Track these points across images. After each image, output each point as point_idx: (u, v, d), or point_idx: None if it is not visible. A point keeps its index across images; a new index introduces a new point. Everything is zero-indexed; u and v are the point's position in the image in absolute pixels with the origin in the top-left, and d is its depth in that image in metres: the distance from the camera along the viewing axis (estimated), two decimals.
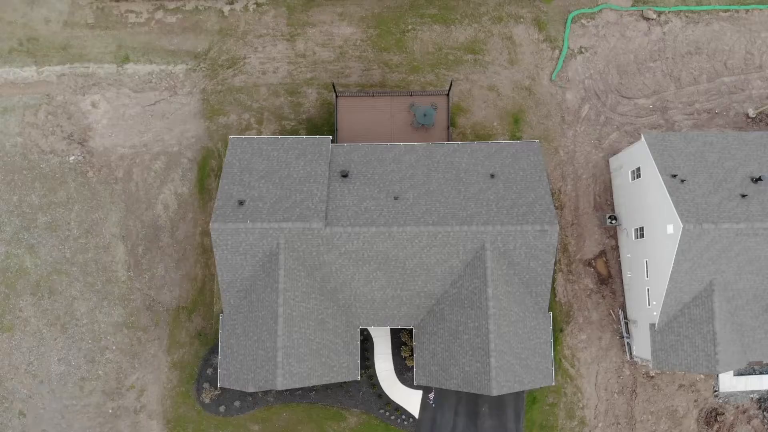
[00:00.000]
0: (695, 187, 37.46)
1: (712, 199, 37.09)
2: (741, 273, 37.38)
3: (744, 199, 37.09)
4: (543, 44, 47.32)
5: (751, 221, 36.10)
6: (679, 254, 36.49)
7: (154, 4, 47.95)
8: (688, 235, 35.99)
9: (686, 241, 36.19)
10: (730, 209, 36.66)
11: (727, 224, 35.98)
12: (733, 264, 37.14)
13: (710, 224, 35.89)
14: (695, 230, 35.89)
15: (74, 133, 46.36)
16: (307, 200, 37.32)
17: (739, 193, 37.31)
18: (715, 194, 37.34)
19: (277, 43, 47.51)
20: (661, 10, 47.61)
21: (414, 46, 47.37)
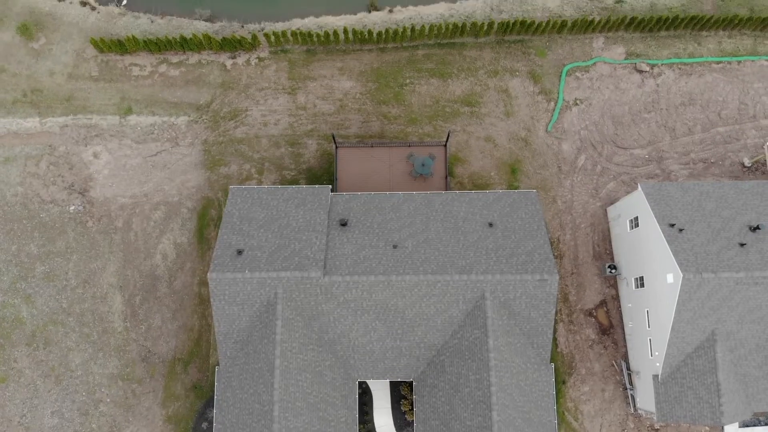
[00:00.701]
0: (694, 237, 37.24)
1: (711, 248, 36.77)
2: (743, 322, 36.80)
3: (743, 248, 36.82)
4: (538, 96, 47.91)
5: (751, 270, 35.70)
6: (680, 304, 35.96)
7: (158, 57, 48.74)
8: (689, 285, 35.53)
9: (687, 291, 35.71)
10: (729, 258, 36.29)
11: (726, 273, 35.56)
12: (735, 313, 36.54)
13: (710, 273, 35.50)
14: (695, 279, 35.49)
15: (75, 183, 46.42)
16: (306, 249, 37.04)
17: (738, 242, 37.06)
18: (714, 243, 37.04)
19: (279, 96, 48.09)
20: (654, 63, 48.41)
21: (412, 99, 47.94)
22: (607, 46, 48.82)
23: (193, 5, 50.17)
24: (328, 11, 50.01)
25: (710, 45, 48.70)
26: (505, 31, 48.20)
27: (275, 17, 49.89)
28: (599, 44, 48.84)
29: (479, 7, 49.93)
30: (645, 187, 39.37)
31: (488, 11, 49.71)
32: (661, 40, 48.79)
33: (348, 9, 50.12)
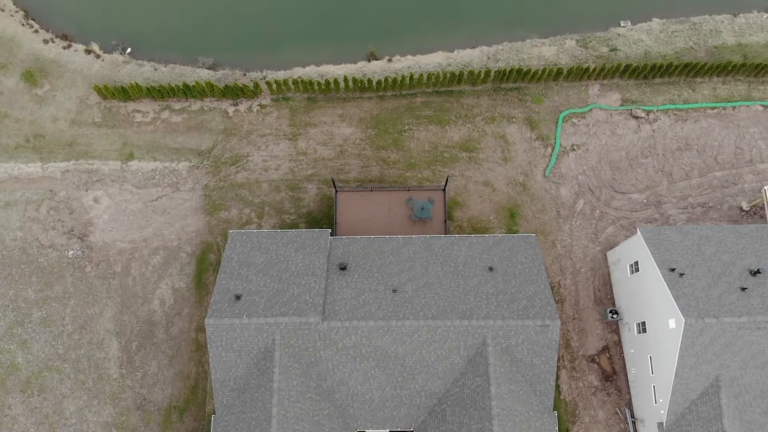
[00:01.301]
0: (694, 281, 36.72)
1: (713, 293, 36.15)
2: (746, 368, 35.92)
3: (744, 293, 36.29)
4: (535, 142, 48.11)
5: (753, 315, 34.93)
6: (683, 349, 35.13)
7: (160, 104, 49.10)
8: (691, 330, 34.81)
9: (689, 336, 34.97)
10: (730, 303, 35.64)
11: (729, 318, 34.83)
12: (738, 359, 35.64)
13: (712, 318, 34.80)
14: (697, 325, 34.81)
15: (75, 228, 46.12)
16: (305, 294, 36.45)
17: (739, 286, 36.50)
18: (715, 288, 36.46)
19: (280, 141, 48.28)
20: (650, 109, 48.75)
21: (411, 145, 48.11)
22: (603, 92, 49.30)
23: (196, 54, 50.74)
24: (329, 60, 50.64)
25: (705, 91, 49.18)
26: (501, 79, 48.72)
27: (277, 66, 50.45)
28: (595, 91, 49.33)
29: (476, 56, 50.60)
30: (644, 231, 39.06)
31: (485, 60, 50.36)
32: (655, 86, 49.28)
33: (348, 58, 50.75)
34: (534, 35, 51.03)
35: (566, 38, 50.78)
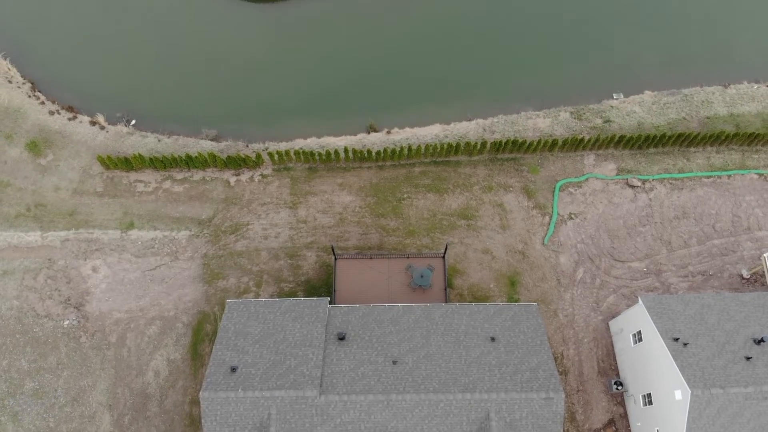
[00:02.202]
0: (698, 351, 35.73)
1: (717, 363, 35.02)
2: None
3: (749, 362, 35.30)
4: (533, 211, 48.01)
5: (759, 385, 33.79)
6: (690, 422, 33.67)
7: (162, 174, 49.23)
8: (698, 401, 33.47)
9: (696, 408, 33.62)
10: (736, 373, 34.51)
11: (735, 388, 33.66)
12: (746, 430, 34.06)
13: (718, 389, 33.60)
14: (704, 396, 33.55)
15: (71, 298, 45.28)
16: (302, 365, 35.21)
17: (744, 355, 35.53)
18: (720, 357, 35.36)
19: (280, 210, 48.15)
20: (645, 178, 48.95)
21: (410, 213, 47.98)
22: (598, 162, 49.60)
23: (200, 126, 51.14)
24: (330, 132, 51.11)
25: (699, 160, 49.51)
26: (497, 150, 49.08)
27: (279, 137, 50.82)
28: (590, 161, 49.64)
29: (472, 128, 51.15)
30: (646, 300, 38.35)
31: (481, 131, 50.92)
32: (650, 156, 49.63)
33: (349, 131, 51.23)
34: (528, 108, 51.76)
35: (560, 110, 51.49)
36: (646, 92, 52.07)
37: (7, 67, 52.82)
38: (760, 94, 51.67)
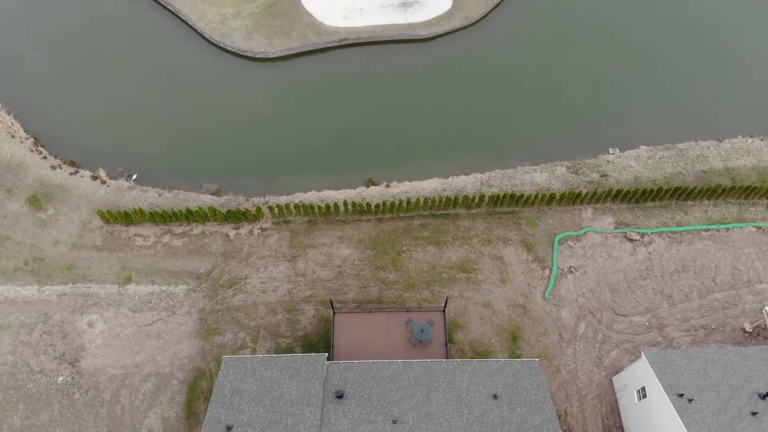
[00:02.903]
0: (704, 407, 34.71)
1: (723, 419, 33.93)
2: None
3: (755, 417, 34.18)
4: (533, 264, 47.52)
5: None
6: None
7: (162, 228, 48.88)
8: None
9: None
10: (742, 429, 33.49)
11: None
12: None
13: None
14: None
15: (66, 353, 44.20)
16: (299, 425, 33.92)
17: (749, 410, 34.43)
18: (725, 413, 34.27)
19: (279, 263, 47.63)
20: (644, 232, 48.70)
21: (409, 265, 47.46)
22: (597, 216, 49.42)
23: (201, 180, 51.11)
24: (330, 186, 51.03)
25: (696, 214, 49.34)
26: (496, 204, 48.94)
27: (279, 191, 50.70)
28: (588, 215, 49.47)
29: (470, 182, 51.19)
30: (649, 355, 37.47)
31: (478, 185, 50.92)
32: (648, 210, 49.48)
33: (348, 184, 51.21)
34: (525, 163, 51.90)
35: (557, 165, 51.62)
36: (641, 147, 52.36)
37: (11, 122, 53.19)
38: (755, 147, 51.98)
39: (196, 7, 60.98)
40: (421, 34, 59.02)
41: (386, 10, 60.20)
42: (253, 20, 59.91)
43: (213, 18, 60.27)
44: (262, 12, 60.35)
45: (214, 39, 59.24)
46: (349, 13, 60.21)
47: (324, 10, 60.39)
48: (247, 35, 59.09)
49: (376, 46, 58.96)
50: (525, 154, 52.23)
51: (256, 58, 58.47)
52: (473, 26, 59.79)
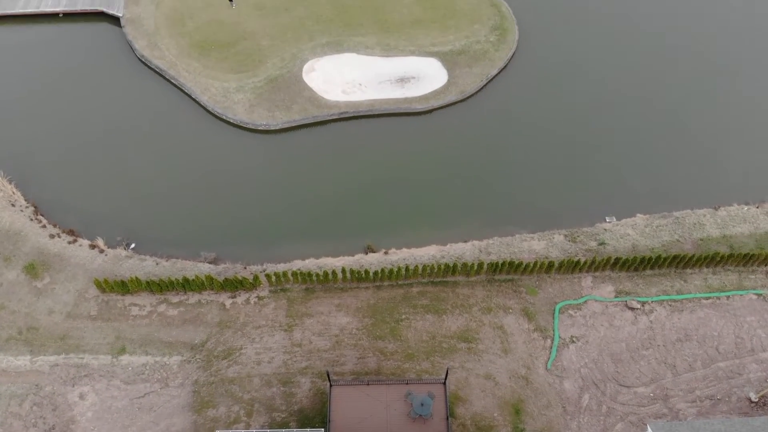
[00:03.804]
0: None
1: None
2: None
3: None
4: (534, 333, 46.16)
5: None
6: None
7: (158, 298, 47.72)
8: None
9: None
10: None
11: None
12: None
13: None
14: None
15: (56, 426, 41.99)
16: None
17: None
18: None
19: (275, 333, 46.21)
20: (644, 300, 47.59)
21: (408, 335, 46.07)
22: (596, 284, 48.43)
23: (198, 248, 50.36)
24: (328, 253, 50.33)
25: (696, 281, 48.39)
26: (495, 271, 48.12)
27: (277, 259, 49.88)
28: (588, 283, 48.50)
29: (468, 249, 50.49)
30: (655, 427, 35.65)
31: (477, 253, 50.22)
32: (647, 278, 48.55)
33: (346, 251, 50.54)
34: (523, 231, 51.33)
35: (554, 233, 51.03)
36: (638, 215, 52.01)
37: (12, 191, 53.05)
38: (751, 215, 51.64)
39: (199, 81, 62.13)
40: (418, 108, 59.86)
41: (384, 86, 61.30)
42: (256, 94, 60.89)
43: (216, 91, 61.28)
44: (264, 86, 61.43)
45: (217, 111, 60.01)
46: (348, 88, 61.28)
47: (324, 85, 61.49)
48: (250, 108, 59.89)
49: (374, 118, 59.70)
50: (522, 222, 51.82)
51: (257, 130, 59.07)
52: (468, 100, 60.74)
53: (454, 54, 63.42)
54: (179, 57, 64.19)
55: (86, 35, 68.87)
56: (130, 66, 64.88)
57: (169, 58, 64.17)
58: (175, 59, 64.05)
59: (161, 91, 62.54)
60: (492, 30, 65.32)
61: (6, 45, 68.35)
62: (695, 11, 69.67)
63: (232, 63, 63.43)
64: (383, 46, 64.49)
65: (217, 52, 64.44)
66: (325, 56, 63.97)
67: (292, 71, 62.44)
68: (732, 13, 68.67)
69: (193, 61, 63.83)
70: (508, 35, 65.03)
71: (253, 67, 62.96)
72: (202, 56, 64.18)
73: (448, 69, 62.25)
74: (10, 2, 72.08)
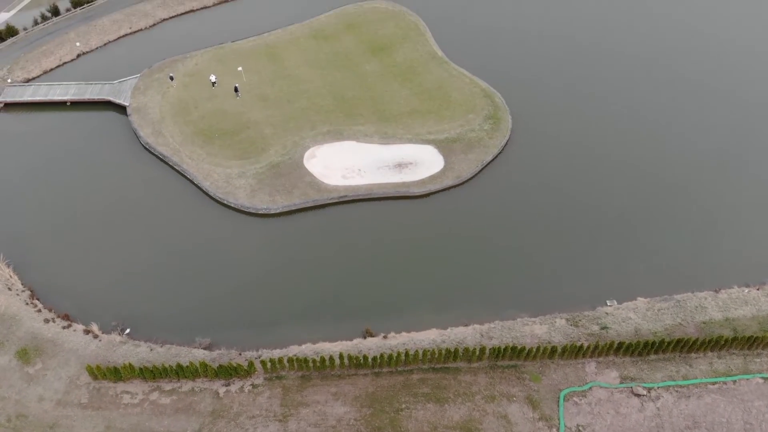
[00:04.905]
0: None
1: None
2: None
3: None
4: (539, 422, 43.98)
5: None
6: None
7: (151, 385, 45.78)
8: None
9: None
10: None
11: None
12: None
13: None
14: None
15: None
16: None
17: None
18: None
19: (269, 423, 43.93)
20: (650, 386, 45.86)
21: (409, 426, 43.79)
22: (600, 370, 46.81)
23: (194, 334, 49.17)
24: (325, 338, 49.04)
25: (702, 366, 46.80)
26: (497, 357, 46.59)
27: (273, 344, 48.51)
28: (592, 368, 46.86)
29: (469, 334, 49.16)
30: None
31: (478, 337, 48.86)
32: (652, 363, 46.93)
33: (344, 335, 49.22)
34: (524, 315, 50.25)
35: (556, 317, 49.92)
36: (639, 299, 51.09)
37: (9, 275, 52.49)
38: (752, 297, 50.78)
39: (202, 167, 62.92)
40: (416, 192, 60.31)
41: (383, 171, 62.06)
42: (257, 179, 61.48)
43: (218, 177, 61.91)
44: (266, 172, 62.14)
45: (218, 196, 60.37)
46: (348, 173, 62.01)
47: (324, 170, 62.28)
48: (251, 193, 60.29)
49: (372, 202, 60.03)
50: (523, 306, 50.87)
51: (257, 214, 59.16)
52: (465, 184, 61.31)
53: (450, 141, 64.63)
54: (183, 144, 65.36)
55: (92, 123, 70.73)
56: (134, 152, 66.08)
57: (173, 145, 65.30)
58: (178, 146, 65.17)
59: (164, 176, 63.24)
60: (486, 119, 66.91)
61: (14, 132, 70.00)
62: (688, 90, 71.49)
63: (236, 150, 64.52)
64: (382, 134, 65.83)
65: (221, 140, 65.68)
66: (326, 143, 65.19)
67: (294, 157, 63.38)
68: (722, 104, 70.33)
69: (197, 148, 64.92)
70: (501, 123, 66.56)
71: (256, 154, 63.99)
72: (206, 143, 65.34)
73: (444, 155, 63.26)
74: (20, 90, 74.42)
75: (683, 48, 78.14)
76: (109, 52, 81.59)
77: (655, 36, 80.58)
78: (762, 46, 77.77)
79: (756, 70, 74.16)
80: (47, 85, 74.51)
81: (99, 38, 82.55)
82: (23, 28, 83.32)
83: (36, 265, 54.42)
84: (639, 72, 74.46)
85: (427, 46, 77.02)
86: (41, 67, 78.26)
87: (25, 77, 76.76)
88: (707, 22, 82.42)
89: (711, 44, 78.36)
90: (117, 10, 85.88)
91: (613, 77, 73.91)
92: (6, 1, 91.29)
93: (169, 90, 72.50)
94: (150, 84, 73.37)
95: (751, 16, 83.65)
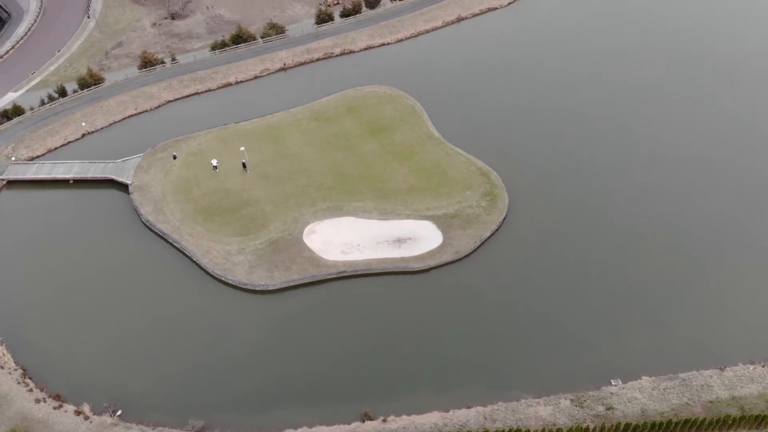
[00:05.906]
0: None
1: None
2: None
3: None
4: None
5: None
6: None
7: None
8: None
9: None
10: None
11: None
12: None
13: None
14: None
15: None
16: None
17: None
18: None
19: None
20: None
21: None
22: None
23: (187, 415, 47.57)
24: (322, 421, 47.33)
25: None
26: None
27: (268, 427, 46.91)
28: None
29: (472, 416, 47.44)
30: None
31: (482, 420, 47.15)
32: None
33: (342, 419, 47.51)
34: (528, 395, 48.75)
35: (560, 398, 48.46)
36: (643, 377, 49.85)
37: (2, 353, 51.43)
38: (758, 374, 49.64)
39: (201, 244, 62.88)
40: (415, 267, 60.15)
41: (382, 246, 62.10)
42: (257, 255, 61.34)
43: (217, 254, 61.77)
44: (265, 248, 62.09)
45: (216, 273, 60.03)
46: (347, 248, 62.00)
47: (323, 245, 62.30)
48: (249, 269, 59.99)
49: (371, 277, 59.64)
50: (526, 385, 49.59)
51: (255, 291, 58.61)
52: (464, 260, 61.13)
53: (448, 217, 65.06)
54: (183, 221, 65.60)
55: (94, 201, 71.21)
56: (134, 230, 66.20)
57: (173, 223, 65.51)
58: (179, 223, 65.39)
59: (163, 254, 63.11)
60: (483, 196, 67.66)
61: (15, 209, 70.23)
62: (686, 158, 71.60)
63: (236, 227, 64.73)
64: (380, 211, 66.30)
65: (221, 217, 66.05)
66: (326, 219, 65.52)
67: (293, 233, 63.51)
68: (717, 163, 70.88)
69: (197, 225, 65.15)
70: (498, 200, 67.25)
71: (256, 230, 64.16)
72: (207, 221, 65.62)
73: (443, 231, 63.50)
74: (23, 168, 75.25)
75: (677, 113, 78.59)
76: (114, 132, 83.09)
77: (648, 104, 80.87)
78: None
79: (760, 145, 73.71)
80: (51, 163, 75.46)
81: (104, 119, 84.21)
82: (30, 108, 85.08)
83: (30, 343, 53.38)
84: (633, 142, 74.80)
85: (424, 127, 78.89)
86: (45, 146, 79.41)
87: (29, 155, 77.78)
88: (702, 94, 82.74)
89: (708, 114, 78.50)
90: (123, 91, 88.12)
91: (607, 148, 74.42)
92: (14, 80, 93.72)
93: (171, 169, 73.50)
94: (153, 163, 74.43)
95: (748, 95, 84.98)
